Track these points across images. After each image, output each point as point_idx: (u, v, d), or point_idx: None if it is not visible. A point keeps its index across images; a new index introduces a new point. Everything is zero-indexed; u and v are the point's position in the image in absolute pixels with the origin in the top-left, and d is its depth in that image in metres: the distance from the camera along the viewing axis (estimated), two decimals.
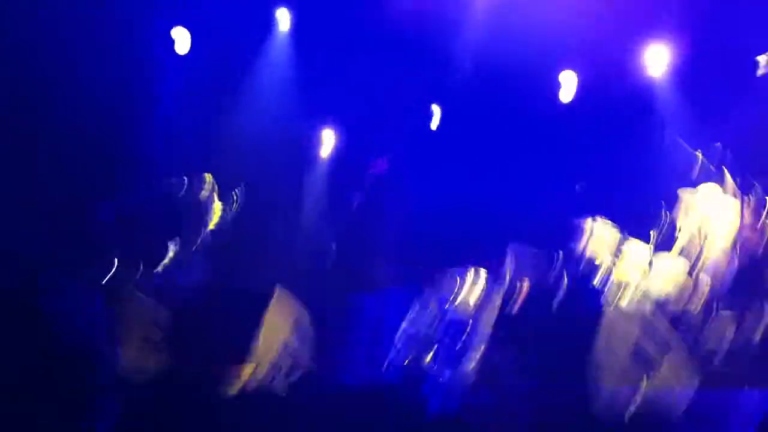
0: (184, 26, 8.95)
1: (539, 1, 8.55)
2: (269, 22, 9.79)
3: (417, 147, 9.87)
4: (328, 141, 10.45)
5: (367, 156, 9.97)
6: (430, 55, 9.38)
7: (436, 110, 10.49)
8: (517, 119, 9.50)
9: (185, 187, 7.75)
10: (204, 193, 7.78)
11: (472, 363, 5.91)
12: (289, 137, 9.66)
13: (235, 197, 7.77)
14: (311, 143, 10.32)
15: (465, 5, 8.99)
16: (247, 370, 4.99)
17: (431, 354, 6.21)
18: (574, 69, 9.36)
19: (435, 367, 6.12)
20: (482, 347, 5.95)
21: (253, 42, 9.62)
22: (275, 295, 6.04)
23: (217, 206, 7.78)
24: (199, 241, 7.46)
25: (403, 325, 6.24)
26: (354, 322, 7.77)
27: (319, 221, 9.68)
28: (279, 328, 6.00)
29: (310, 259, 9.12)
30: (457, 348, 6.14)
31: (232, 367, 5.00)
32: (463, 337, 6.19)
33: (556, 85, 9.46)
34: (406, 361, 6.16)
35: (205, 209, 7.70)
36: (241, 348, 5.35)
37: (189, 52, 8.92)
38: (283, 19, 9.76)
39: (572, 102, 9.40)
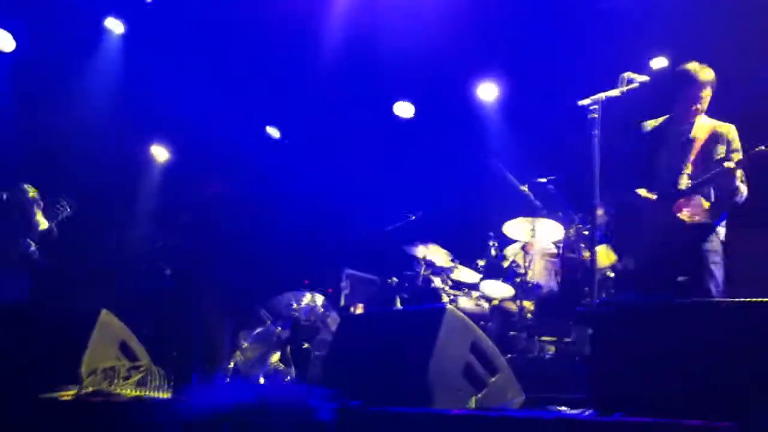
0: (7, 25, 8.45)
1: (384, 31, 8.78)
2: (101, 28, 9.41)
3: (253, 167, 9.76)
4: (161, 156, 10.13)
5: (200, 173, 9.72)
6: (269, 69, 9.35)
7: (273, 132, 10.45)
8: (357, 142, 9.65)
9: (2, 198, 7.17)
10: (24, 206, 7.22)
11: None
12: (121, 150, 9.28)
13: (60, 211, 7.26)
14: (144, 158, 9.97)
15: (308, 26, 9.06)
16: (69, 395, 4.68)
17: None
18: (411, 98, 9.66)
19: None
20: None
21: (84, 47, 9.20)
22: (100, 318, 5.73)
23: (40, 220, 7.24)
24: (17, 256, 6.95)
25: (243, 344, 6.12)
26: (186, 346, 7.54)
27: (150, 241, 9.33)
28: (105, 352, 5.69)
29: (142, 280, 8.76)
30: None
31: (52, 391, 4.68)
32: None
33: (393, 116, 9.72)
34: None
35: (26, 222, 7.16)
36: (64, 372, 5.02)
37: (15, 51, 8.41)
38: (116, 26, 9.41)
39: (408, 131, 9.68)
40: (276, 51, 9.34)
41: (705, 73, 5.15)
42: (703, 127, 5.20)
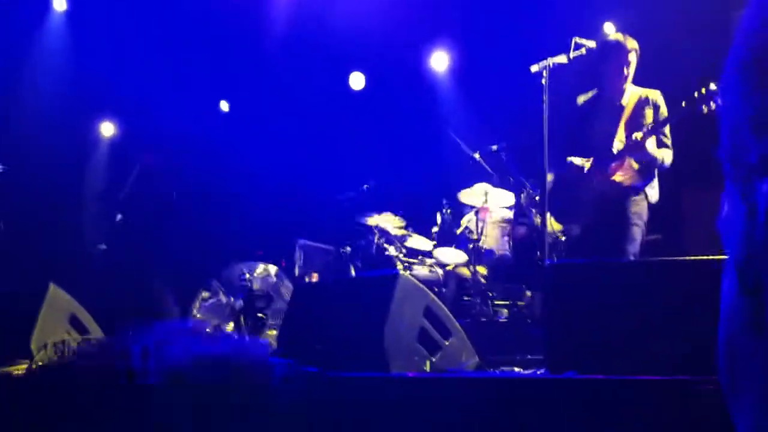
0: None
1: (334, 2, 8.73)
2: (45, 5, 9.20)
3: (204, 140, 9.65)
4: (107, 131, 9.96)
5: (149, 149, 9.58)
6: (220, 41, 9.23)
7: (223, 105, 10.35)
8: (308, 113, 9.60)
9: None
10: None
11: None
12: (65, 127, 9.09)
13: None
14: (90, 134, 9.79)
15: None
16: (20, 370, 4.63)
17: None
18: (363, 68, 9.62)
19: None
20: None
21: (26, 23, 8.98)
22: (49, 293, 5.65)
23: None
24: None
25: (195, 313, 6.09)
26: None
27: (93, 218, 9.18)
28: (55, 327, 5.63)
29: (83, 258, 8.62)
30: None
31: (4, 367, 4.62)
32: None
33: (347, 83, 9.68)
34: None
35: None
36: (14, 347, 4.96)
37: None
38: (59, 2, 9.20)
39: (360, 102, 9.65)
40: (225, 23, 9.22)
41: (630, 42, 5.30)
42: (632, 94, 5.38)
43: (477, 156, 7.77)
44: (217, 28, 9.22)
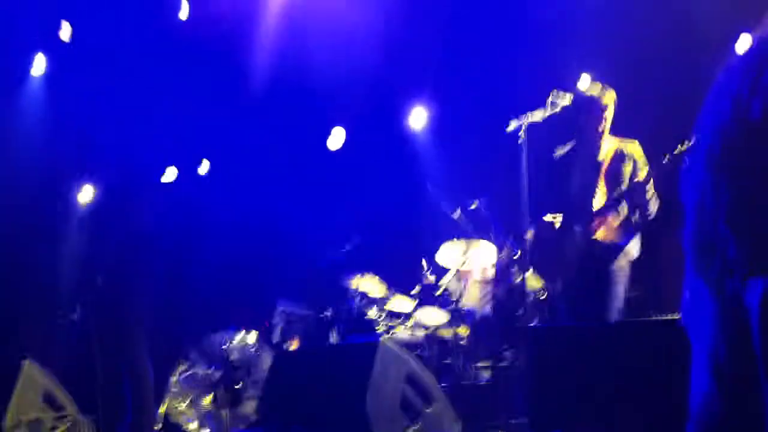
0: None
1: (311, 60, 8.79)
2: (25, 66, 9.22)
3: (181, 202, 9.58)
4: (86, 196, 9.87)
5: (126, 211, 9.47)
6: (199, 101, 9.25)
7: (204, 164, 10.32)
8: (287, 173, 9.58)
9: None
10: None
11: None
12: (45, 189, 9.02)
13: None
14: (69, 197, 9.69)
15: (235, 56, 9.01)
16: None
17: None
18: (343, 125, 9.65)
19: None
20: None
21: (7, 85, 8.99)
22: (23, 369, 5.53)
23: None
24: None
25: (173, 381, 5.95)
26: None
27: (71, 286, 9.02)
28: (30, 405, 5.50)
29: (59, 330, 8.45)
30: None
31: None
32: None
33: (325, 143, 9.70)
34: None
35: None
36: None
37: None
38: (39, 64, 9.23)
39: (340, 160, 9.65)
40: (203, 81, 9.24)
41: (607, 96, 5.32)
42: (609, 148, 5.37)
43: (457, 213, 7.75)
44: (195, 88, 9.24)
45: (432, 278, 7.66)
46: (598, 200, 5.26)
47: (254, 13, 8.86)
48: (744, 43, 6.26)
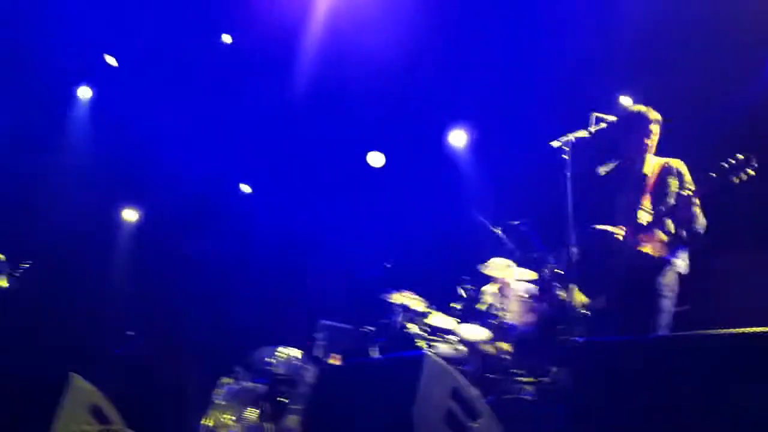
0: None
1: (353, 82, 8.89)
2: (71, 97, 9.46)
3: (226, 222, 9.72)
4: (132, 217, 10.06)
5: (173, 233, 9.63)
6: (241, 123, 9.38)
7: (245, 189, 10.45)
8: (330, 192, 9.66)
9: None
10: None
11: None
12: (93, 213, 9.21)
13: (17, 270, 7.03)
14: (116, 220, 9.89)
15: (278, 77, 9.13)
16: None
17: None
18: (382, 149, 9.72)
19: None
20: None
21: (54, 117, 9.22)
22: (70, 382, 5.61)
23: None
24: None
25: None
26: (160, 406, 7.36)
27: (119, 306, 9.17)
28: (76, 418, 5.56)
29: (111, 344, 8.58)
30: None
31: None
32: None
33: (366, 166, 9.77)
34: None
35: None
36: None
37: None
38: (85, 95, 9.48)
39: (381, 180, 9.71)
40: (246, 103, 9.39)
41: (653, 113, 5.31)
42: (654, 163, 5.35)
43: (499, 231, 7.74)
44: (237, 110, 9.38)
45: (474, 294, 7.65)
46: (645, 215, 5.22)
47: (297, 34, 8.98)
48: None
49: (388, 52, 8.53)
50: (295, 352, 6.34)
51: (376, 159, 9.74)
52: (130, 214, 10.16)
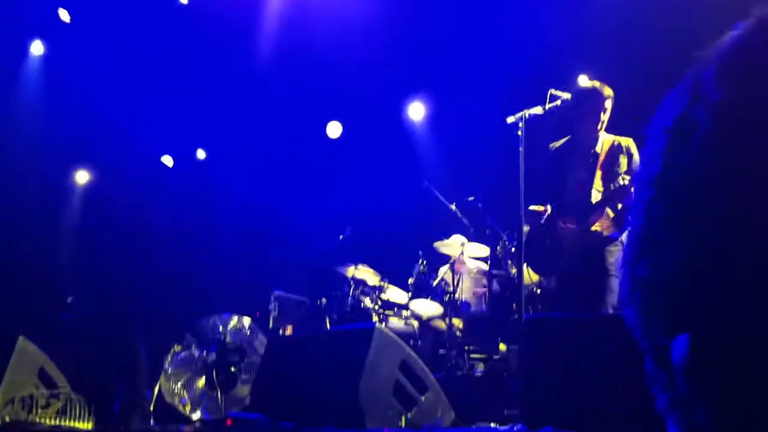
0: None
1: (311, 52, 8.82)
2: (23, 52, 9.21)
3: (177, 186, 9.59)
4: (81, 179, 9.88)
5: (123, 196, 9.46)
6: (198, 88, 9.26)
7: (200, 153, 10.34)
8: (285, 162, 9.59)
9: None
10: None
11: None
12: (39, 174, 9.02)
13: None
14: (67, 181, 9.71)
15: (235, 44, 9.01)
16: None
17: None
18: (340, 117, 9.67)
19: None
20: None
21: (5, 72, 8.98)
22: (18, 345, 5.53)
23: None
24: None
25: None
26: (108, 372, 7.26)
27: (70, 271, 9.03)
28: (23, 381, 5.50)
29: (52, 309, 8.45)
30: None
31: None
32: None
33: (324, 132, 9.72)
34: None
35: None
36: None
37: None
38: (37, 48, 9.24)
39: (337, 151, 9.67)
40: (203, 71, 9.25)
41: (606, 90, 5.33)
42: (605, 141, 5.38)
43: (453, 207, 7.76)
44: (194, 75, 9.25)
45: (427, 270, 7.69)
46: (595, 193, 5.26)
47: (256, 4, 8.86)
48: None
49: (350, 21, 8.46)
50: (247, 322, 6.31)
51: (333, 129, 9.69)
52: (82, 177, 9.97)
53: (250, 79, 9.30)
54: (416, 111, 9.49)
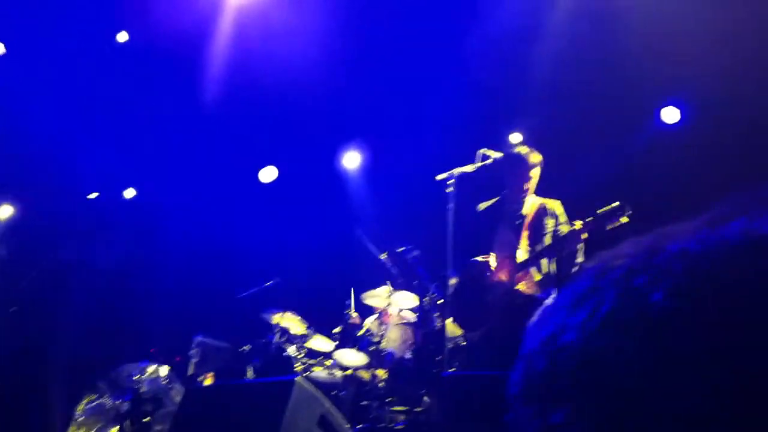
0: None
1: (249, 97, 8.79)
2: None
3: (101, 226, 9.37)
4: (4, 213, 9.56)
5: (46, 234, 9.19)
6: (129, 128, 9.12)
7: (130, 192, 10.14)
8: (215, 205, 9.48)
9: None
10: None
11: None
12: None
13: None
14: None
15: (173, 83, 8.93)
16: None
17: None
18: (278, 159, 9.64)
19: None
20: None
21: None
22: None
23: None
24: None
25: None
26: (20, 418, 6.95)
27: None
28: None
29: None
30: None
31: None
32: None
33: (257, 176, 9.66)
34: None
35: None
36: None
37: None
38: None
39: (269, 196, 9.60)
40: (139, 109, 9.12)
41: (533, 156, 5.43)
42: (532, 204, 5.51)
43: (383, 257, 7.76)
44: (130, 113, 9.11)
45: (355, 319, 7.64)
46: (521, 253, 5.35)
47: (197, 45, 8.79)
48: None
49: (291, 66, 8.47)
50: (163, 370, 6.12)
51: (267, 174, 9.63)
52: (4, 210, 9.65)
53: (187, 118, 9.21)
54: (352, 160, 9.53)
